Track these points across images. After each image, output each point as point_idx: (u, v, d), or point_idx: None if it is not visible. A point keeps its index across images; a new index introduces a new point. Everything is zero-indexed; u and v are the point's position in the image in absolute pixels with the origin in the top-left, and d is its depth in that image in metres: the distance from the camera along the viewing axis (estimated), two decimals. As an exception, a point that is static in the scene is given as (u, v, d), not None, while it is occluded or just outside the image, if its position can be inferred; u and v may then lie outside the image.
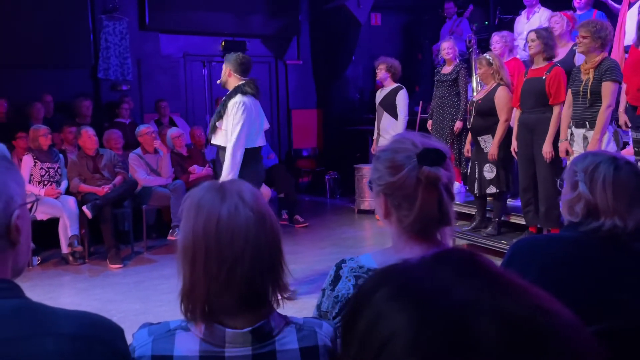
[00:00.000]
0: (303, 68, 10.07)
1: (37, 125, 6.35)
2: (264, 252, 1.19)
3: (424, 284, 0.56)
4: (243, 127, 4.23)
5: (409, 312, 0.53)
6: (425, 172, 1.33)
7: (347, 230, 7.09)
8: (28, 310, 1.01)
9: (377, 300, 0.56)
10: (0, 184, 1.00)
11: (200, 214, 1.19)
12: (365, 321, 0.56)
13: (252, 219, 1.18)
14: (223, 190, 1.21)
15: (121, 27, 8.28)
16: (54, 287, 5.07)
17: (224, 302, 1.18)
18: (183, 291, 1.21)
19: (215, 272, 1.16)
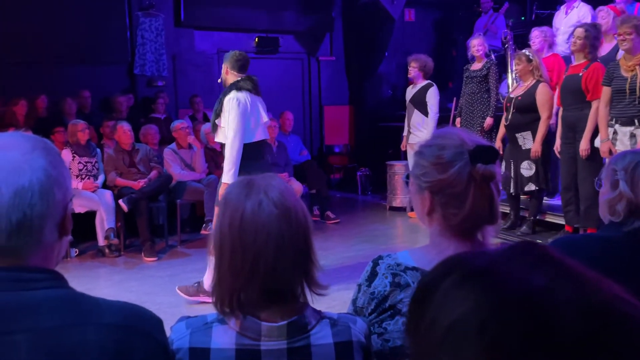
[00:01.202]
0: (336, 64, 10.07)
1: (75, 120, 6.50)
2: (287, 246, 1.20)
3: (499, 270, 0.56)
4: (238, 123, 4.28)
5: (480, 296, 0.53)
6: (480, 170, 1.30)
7: (378, 227, 7.07)
8: (72, 300, 1.03)
9: (447, 285, 0.56)
10: (59, 175, 1.03)
11: (227, 209, 1.23)
12: (434, 305, 0.56)
13: (275, 215, 1.20)
14: (250, 186, 1.24)
15: (157, 24, 8.40)
16: (91, 279, 5.19)
17: (249, 296, 1.20)
18: (212, 284, 1.25)
19: (240, 266, 1.19)
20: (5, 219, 0.96)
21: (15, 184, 0.97)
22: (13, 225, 0.97)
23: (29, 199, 0.97)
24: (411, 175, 1.43)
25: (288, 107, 8.53)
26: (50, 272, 1.04)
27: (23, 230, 0.98)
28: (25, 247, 0.99)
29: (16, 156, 0.99)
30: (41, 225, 1.00)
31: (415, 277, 1.37)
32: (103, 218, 5.97)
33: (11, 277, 0.99)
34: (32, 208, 0.98)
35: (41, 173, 0.99)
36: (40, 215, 0.99)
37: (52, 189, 1.00)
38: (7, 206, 0.96)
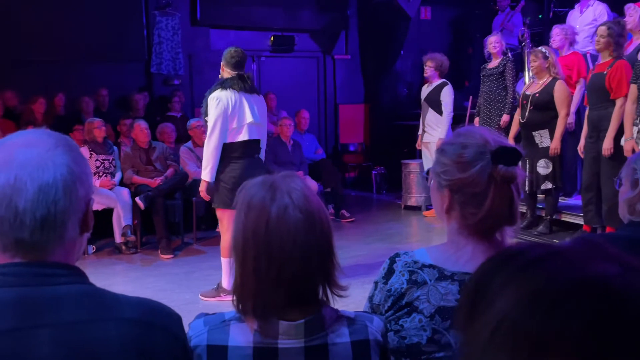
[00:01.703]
0: (351, 63, 10.05)
1: (91, 118, 6.57)
2: (313, 252, 1.20)
3: (565, 256, 0.55)
4: (216, 122, 4.27)
5: (548, 277, 0.53)
6: (501, 172, 1.30)
7: (393, 226, 7.06)
8: (93, 296, 1.05)
9: (507, 272, 0.56)
10: (82, 172, 1.04)
11: (251, 212, 1.21)
12: (492, 292, 0.56)
13: (301, 221, 1.19)
14: (274, 188, 1.22)
15: (173, 23, 8.45)
16: (108, 275, 5.24)
17: (274, 300, 1.19)
18: (234, 286, 1.24)
19: (264, 271, 1.18)
20: (29, 215, 0.98)
21: (40, 180, 0.98)
22: (37, 221, 0.98)
23: (52, 195, 0.98)
24: (431, 172, 1.43)
25: (303, 106, 8.54)
26: (71, 267, 1.06)
27: (46, 225, 0.99)
28: (48, 242, 1.01)
29: (40, 153, 1.00)
30: (64, 221, 1.01)
31: (432, 274, 1.38)
32: (120, 215, 6.03)
33: (34, 272, 1.00)
34: (55, 204, 0.99)
35: (64, 169, 1.00)
36: (63, 211, 1.00)
37: (75, 186, 1.01)
38: (31, 202, 0.97)
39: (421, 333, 1.34)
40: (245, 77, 4.41)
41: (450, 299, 1.34)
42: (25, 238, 0.99)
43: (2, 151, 1.00)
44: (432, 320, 1.34)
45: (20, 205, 0.97)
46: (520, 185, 1.36)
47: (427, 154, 7.09)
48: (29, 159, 0.99)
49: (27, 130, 1.13)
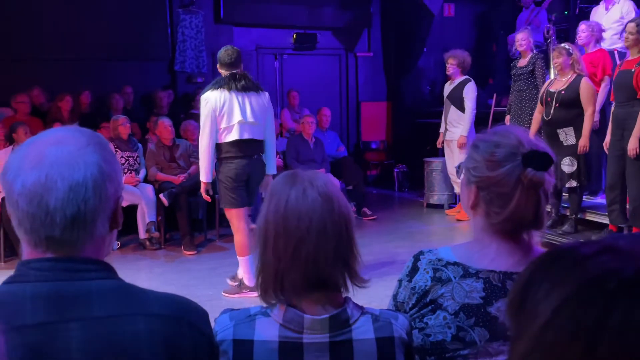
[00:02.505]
0: (373, 60, 10.03)
1: (116, 116, 6.66)
2: (329, 233, 1.22)
3: (620, 249, 0.55)
4: (205, 123, 4.30)
5: (594, 277, 0.53)
6: (529, 175, 1.29)
7: (415, 224, 7.03)
8: (122, 291, 1.07)
9: (558, 267, 0.56)
10: (112, 170, 1.06)
11: (272, 199, 1.25)
12: (543, 286, 0.56)
13: (318, 201, 1.22)
14: (295, 177, 1.27)
15: (197, 21, 8.52)
16: (133, 271, 5.30)
17: (291, 281, 1.22)
18: (256, 270, 1.27)
19: (282, 250, 1.21)
20: (60, 213, 0.99)
21: (70, 178, 0.99)
22: (67, 219, 1.00)
23: (83, 193, 1.00)
24: (463, 167, 1.43)
25: (325, 103, 8.54)
26: (101, 263, 1.07)
27: (76, 223, 1.01)
28: (79, 239, 1.02)
29: (71, 151, 1.01)
30: (94, 219, 1.02)
31: (457, 272, 1.38)
32: (144, 212, 6.10)
33: (65, 267, 1.02)
34: (85, 203, 1.00)
35: (95, 168, 1.02)
36: (93, 210, 1.02)
37: (104, 184, 1.03)
38: (62, 200, 0.99)
39: (445, 330, 1.34)
40: (238, 76, 4.38)
41: (474, 297, 1.34)
42: (56, 235, 1.00)
43: (34, 149, 1.02)
44: (457, 318, 1.34)
45: (51, 203, 0.98)
46: (550, 191, 1.35)
47: (449, 152, 7.05)
48: (60, 158, 1.00)
49: (59, 127, 1.15)
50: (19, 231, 1.03)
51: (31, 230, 1.01)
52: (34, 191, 0.98)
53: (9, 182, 1.01)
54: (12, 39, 7.52)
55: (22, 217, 1.00)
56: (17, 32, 7.53)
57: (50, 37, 7.68)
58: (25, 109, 6.99)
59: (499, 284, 1.35)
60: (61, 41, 7.73)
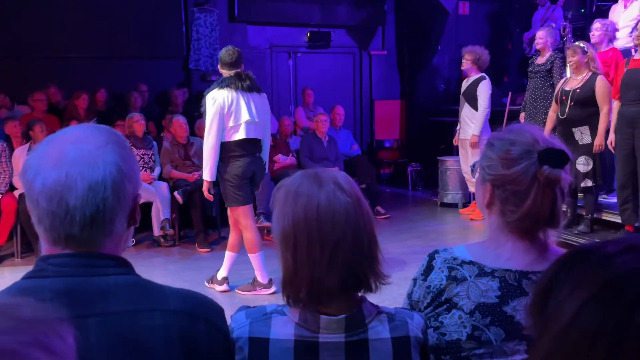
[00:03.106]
0: (387, 58, 10.01)
1: (132, 113, 6.70)
2: (363, 235, 1.21)
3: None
4: (212, 122, 4.30)
5: (616, 277, 0.53)
6: (545, 173, 1.29)
7: (429, 223, 7.01)
8: (139, 287, 1.08)
9: (581, 267, 0.56)
10: (130, 169, 1.07)
11: (299, 201, 1.21)
12: (565, 287, 0.56)
13: (350, 204, 1.20)
14: (319, 178, 1.23)
15: (211, 19, 8.55)
16: (147, 268, 5.34)
17: (327, 286, 1.19)
18: (286, 278, 1.22)
19: (318, 256, 1.18)
20: (80, 212, 1.00)
21: (90, 178, 1.00)
22: (87, 218, 1.01)
23: (101, 193, 1.01)
24: (477, 166, 1.42)
25: (339, 102, 8.54)
26: (119, 259, 1.08)
27: (95, 222, 1.02)
28: (97, 237, 1.03)
29: (91, 150, 1.02)
30: (112, 218, 1.04)
31: (472, 271, 1.37)
32: (159, 209, 6.14)
33: (83, 263, 1.03)
34: (104, 202, 1.01)
35: (114, 168, 1.02)
36: (112, 209, 1.03)
37: (123, 183, 1.04)
38: (81, 199, 1.00)
39: (461, 329, 1.34)
40: (242, 75, 4.41)
41: (490, 296, 1.34)
42: (75, 234, 1.01)
43: (54, 147, 1.03)
44: (472, 317, 1.33)
45: (71, 202, 0.99)
46: (566, 189, 1.34)
47: (462, 151, 6.96)
48: (80, 157, 1.01)
49: (78, 125, 1.16)
50: (39, 228, 1.04)
51: (51, 228, 1.02)
52: (54, 190, 0.99)
53: (29, 180, 1.02)
54: (30, 38, 7.60)
55: (42, 215, 1.02)
56: (35, 31, 7.61)
57: (66, 35, 7.76)
58: (42, 107, 7.06)
59: (515, 283, 1.34)
60: (77, 40, 7.80)
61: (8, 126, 6.40)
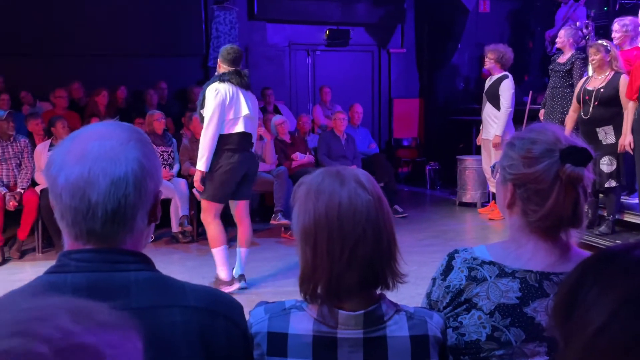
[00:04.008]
0: (406, 56, 9.96)
1: (152, 111, 6.76)
2: (382, 234, 1.21)
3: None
4: (214, 113, 4.33)
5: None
6: (567, 171, 1.27)
7: (447, 223, 6.97)
8: (160, 283, 1.08)
9: (605, 274, 0.55)
10: (152, 166, 1.07)
11: (321, 198, 1.21)
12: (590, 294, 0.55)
13: (371, 202, 1.20)
14: (341, 175, 1.23)
15: (231, 17, 8.58)
16: (165, 264, 5.38)
17: (345, 283, 1.20)
18: (304, 274, 1.23)
19: (338, 253, 1.18)
20: (101, 207, 1.01)
21: (112, 174, 1.01)
22: (108, 214, 1.02)
23: (123, 189, 1.02)
24: (498, 165, 1.41)
25: (357, 100, 8.52)
26: (139, 255, 1.09)
27: (117, 218, 1.03)
28: (118, 233, 1.04)
29: (114, 146, 1.03)
30: (133, 215, 1.04)
31: (492, 271, 1.36)
32: (177, 206, 6.18)
33: (104, 259, 1.04)
34: (126, 198, 1.02)
35: (136, 164, 1.03)
36: (133, 205, 1.04)
37: (145, 180, 1.05)
38: (104, 195, 1.01)
39: (480, 330, 1.33)
40: (242, 73, 4.48)
41: (510, 296, 1.33)
42: (97, 229, 1.02)
43: (77, 143, 1.04)
44: (492, 318, 1.32)
45: (93, 197, 1.00)
46: (589, 188, 1.32)
47: (484, 150, 6.88)
48: (103, 153, 1.02)
49: (101, 122, 1.17)
50: (61, 223, 1.05)
51: (73, 223, 1.03)
52: (77, 185, 1.00)
53: (52, 175, 1.03)
54: (51, 36, 7.69)
55: (65, 210, 1.03)
56: (56, 29, 7.70)
57: (87, 33, 7.84)
58: (63, 104, 7.15)
59: (536, 284, 1.33)
60: (98, 37, 7.88)
61: (30, 123, 6.49)
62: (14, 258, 5.68)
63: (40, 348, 0.36)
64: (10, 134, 5.77)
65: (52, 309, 0.40)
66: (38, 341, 0.36)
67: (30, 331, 0.37)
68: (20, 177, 5.80)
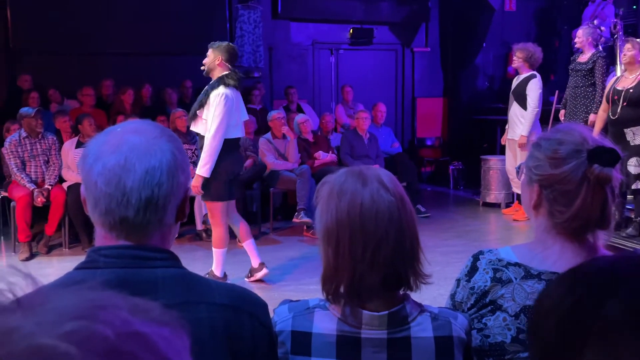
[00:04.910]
0: (430, 55, 9.90)
1: (175, 109, 6.83)
2: (405, 235, 1.21)
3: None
4: (223, 119, 4.32)
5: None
6: (596, 172, 1.26)
7: (471, 223, 6.91)
8: (186, 280, 1.10)
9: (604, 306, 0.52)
10: (183, 161, 1.10)
11: (343, 198, 1.21)
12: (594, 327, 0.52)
13: (394, 203, 1.20)
14: (363, 176, 1.23)
15: (255, 16, 8.62)
16: (189, 261, 5.42)
17: (368, 284, 1.20)
18: (326, 273, 1.23)
19: (360, 254, 1.18)
20: (136, 194, 1.04)
21: (147, 163, 1.04)
22: (142, 201, 1.04)
23: (157, 177, 1.04)
24: (524, 166, 1.40)
25: (380, 99, 8.50)
26: (167, 252, 1.11)
27: (150, 207, 1.05)
28: (149, 224, 1.06)
29: (148, 139, 1.07)
30: (165, 205, 1.06)
31: (518, 273, 1.35)
32: (201, 203, 6.22)
33: (133, 255, 1.06)
34: (159, 187, 1.05)
35: (169, 155, 1.06)
36: (166, 195, 1.06)
37: (177, 171, 1.07)
38: (138, 182, 1.03)
39: (505, 332, 1.32)
40: (238, 74, 4.52)
41: None
42: (130, 217, 1.04)
43: (114, 136, 1.07)
44: (517, 320, 1.31)
45: (128, 184, 1.03)
46: (617, 189, 1.30)
47: (508, 150, 6.79)
48: (138, 144, 1.05)
49: (134, 120, 1.21)
50: (94, 213, 1.07)
51: (106, 211, 1.05)
52: (113, 172, 1.03)
53: (89, 164, 1.06)
54: (78, 34, 7.81)
55: (99, 197, 1.05)
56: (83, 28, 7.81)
57: (113, 32, 7.94)
58: (90, 102, 7.26)
59: (562, 287, 1.31)
60: (124, 36, 7.98)
61: (58, 121, 6.60)
62: (42, 253, 5.78)
63: (104, 330, 0.38)
64: (39, 131, 5.87)
65: (111, 299, 0.43)
66: (102, 324, 0.38)
67: (93, 316, 0.39)
68: (48, 174, 5.90)
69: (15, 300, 0.41)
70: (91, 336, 0.37)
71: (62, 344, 0.36)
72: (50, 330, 0.37)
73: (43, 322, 0.38)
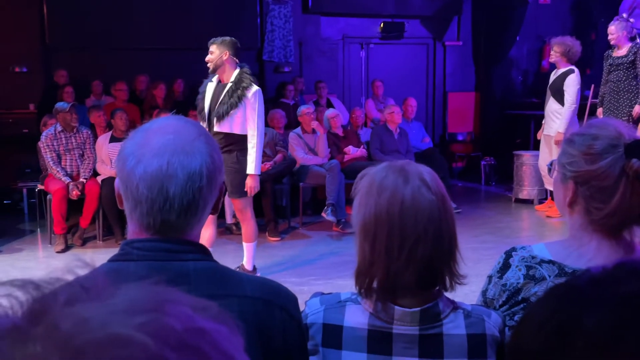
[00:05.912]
0: (462, 49, 9.78)
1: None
2: (444, 234, 1.19)
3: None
4: (261, 116, 4.41)
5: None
6: (635, 166, 1.22)
7: (502, 219, 6.82)
8: (217, 273, 1.11)
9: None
10: (219, 161, 1.11)
11: (383, 194, 1.20)
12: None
13: (434, 202, 1.19)
14: (405, 172, 1.22)
15: (285, 11, 8.63)
16: (220, 255, 5.47)
17: (403, 281, 1.19)
18: (361, 268, 1.23)
19: (397, 252, 1.17)
20: (179, 200, 1.05)
21: (189, 167, 1.05)
22: (184, 206, 1.05)
23: (198, 182, 1.05)
24: (556, 163, 1.37)
25: (411, 93, 8.44)
26: (198, 245, 1.12)
27: (190, 210, 1.06)
28: (189, 224, 1.08)
29: (187, 140, 1.06)
30: (204, 207, 1.09)
31: (552, 270, 1.32)
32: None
33: (164, 248, 1.07)
34: (200, 191, 1.06)
35: (208, 158, 1.07)
36: (205, 197, 1.08)
37: (215, 174, 1.08)
38: (181, 187, 1.04)
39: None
40: (247, 68, 4.57)
41: None
42: (172, 220, 1.06)
43: (152, 136, 1.07)
44: (551, 318, 1.29)
45: (171, 190, 1.04)
46: None
47: (542, 146, 6.65)
48: (180, 147, 1.05)
49: (169, 116, 1.21)
50: (133, 213, 1.08)
51: (147, 213, 1.06)
52: (156, 178, 1.04)
53: (130, 166, 1.06)
54: (113, 30, 7.93)
55: (141, 201, 1.06)
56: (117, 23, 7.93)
57: (146, 27, 8.05)
58: (123, 96, 7.38)
59: (598, 285, 1.28)
60: (156, 32, 8.08)
61: (93, 115, 6.73)
62: (77, 245, 5.90)
63: (174, 323, 0.39)
64: (74, 125, 5.99)
65: (175, 294, 0.44)
66: (171, 317, 0.40)
67: (162, 309, 0.40)
68: (82, 168, 6.02)
69: (85, 290, 0.42)
70: (162, 328, 0.38)
71: (137, 333, 0.37)
72: (124, 321, 0.38)
73: (116, 313, 0.39)
